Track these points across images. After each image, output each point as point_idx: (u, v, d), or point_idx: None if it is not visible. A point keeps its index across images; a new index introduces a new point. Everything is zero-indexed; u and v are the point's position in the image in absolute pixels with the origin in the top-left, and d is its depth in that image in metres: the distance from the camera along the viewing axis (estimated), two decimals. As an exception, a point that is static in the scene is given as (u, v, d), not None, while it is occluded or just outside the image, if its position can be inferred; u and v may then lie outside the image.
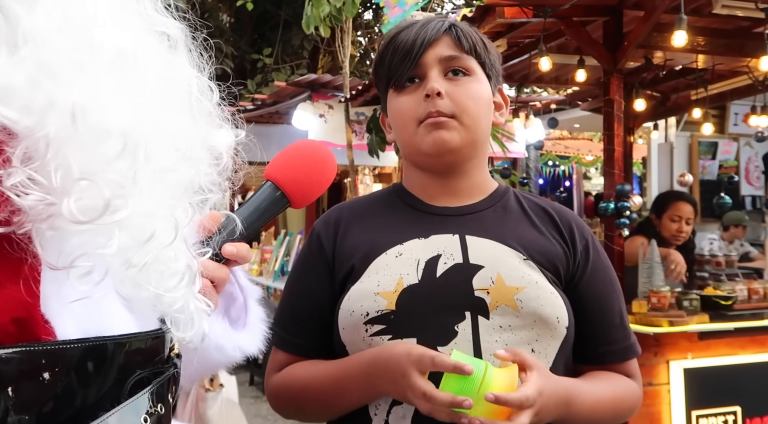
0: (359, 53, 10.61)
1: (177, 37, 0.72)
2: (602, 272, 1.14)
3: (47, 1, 0.56)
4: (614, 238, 3.08)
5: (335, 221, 1.17)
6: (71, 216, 0.54)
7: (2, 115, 0.52)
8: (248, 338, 0.90)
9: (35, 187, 0.53)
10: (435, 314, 1.03)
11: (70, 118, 0.55)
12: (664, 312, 2.95)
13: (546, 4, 2.84)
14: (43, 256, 0.55)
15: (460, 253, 1.07)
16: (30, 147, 0.54)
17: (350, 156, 5.45)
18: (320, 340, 1.13)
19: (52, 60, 0.55)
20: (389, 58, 1.11)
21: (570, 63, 3.92)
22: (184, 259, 0.66)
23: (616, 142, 3.03)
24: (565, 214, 1.17)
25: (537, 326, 1.03)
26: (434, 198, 1.15)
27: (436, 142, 1.08)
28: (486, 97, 1.11)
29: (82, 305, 0.60)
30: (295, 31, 10.02)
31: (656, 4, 2.84)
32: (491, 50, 1.15)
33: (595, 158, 10.60)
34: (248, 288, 0.93)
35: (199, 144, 0.71)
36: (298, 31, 9.99)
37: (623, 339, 1.14)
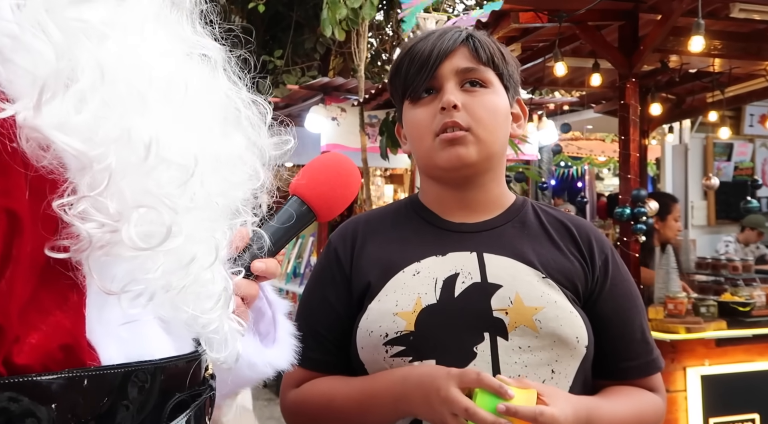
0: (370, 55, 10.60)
1: (217, 59, 0.73)
2: (622, 286, 1.12)
3: (107, 32, 0.58)
4: (630, 243, 3.07)
5: (352, 234, 1.17)
6: (131, 242, 0.56)
7: (69, 145, 0.54)
8: (279, 354, 0.91)
9: (97, 215, 0.55)
10: (454, 335, 1.03)
11: (144, 149, 0.56)
12: (681, 319, 2.93)
13: (561, 8, 2.83)
14: (98, 282, 0.57)
15: (478, 271, 1.06)
16: (93, 176, 0.55)
17: (364, 158, 5.46)
18: (337, 355, 1.12)
19: (114, 91, 0.57)
20: (405, 69, 1.11)
21: (584, 66, 3.91)
22: (221, 281, 0.68)
23: (632, 147, 3.01)
24: (584, 228, 1.15)
25: (556, 347, 1.02)
26: (450, 213, 1.14)
27: (452, 158, 1.07)
28: (503, 109, 1.10)
29: (125, 329, 0.62)
30: (307, 33, 10.05)
31: (673, 8, 2.82)
32: (509, 61, 1.13)
33: (607, 159, 10.54)
34: (276, 302, 0.94)
35: (240, 168, 0.73)
36: (309, 33, 10.01)
37: (645, 354, 1.12)
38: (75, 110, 0.54)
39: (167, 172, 0.60)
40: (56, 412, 0.54)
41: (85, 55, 0.55)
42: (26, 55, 0.53)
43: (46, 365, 0.55)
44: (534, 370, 1.01)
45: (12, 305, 0.54)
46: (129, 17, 0.60)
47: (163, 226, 0.58)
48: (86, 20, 0.56)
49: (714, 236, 6.41)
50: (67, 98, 0.54)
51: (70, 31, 0.55)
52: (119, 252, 0.57)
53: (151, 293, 0.60)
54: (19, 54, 0.53)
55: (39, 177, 0.54)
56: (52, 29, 0.54)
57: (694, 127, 6.47)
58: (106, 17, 0.58)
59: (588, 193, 11.46)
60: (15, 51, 0.53)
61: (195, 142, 0.64)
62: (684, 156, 6.61)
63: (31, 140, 0.53)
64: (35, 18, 0.54)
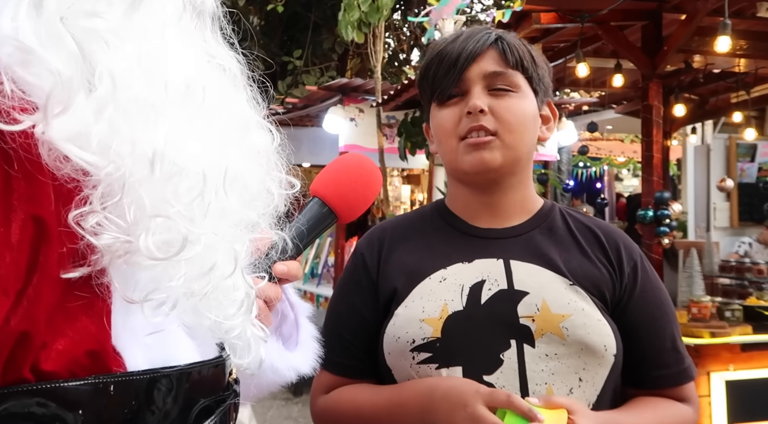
0: (387, 55, 10.61)
1: (235, 70, 0.73)
2: (651, 294, 1.10)
3: (123, 39, 0.57)
4: (653, 246, 3.02)
5: (378, 240, 1.17)
6: (148, 252, 0.56)
7: (82, 159, 0.54)
8: (302, 358, 0.90)
9: (112, 227, 0.55)
10: (480, 342, 1.02)
11: (149, 163, 0.56)
12: (705, 323, 2.88)
13: (583, 9, 2.79)
14: (121, 290, 0.57)
15: (504, 278, 1.05)
16: (107, 188, 0.55)
17: (382, 160, 5.46)
18: (365, 360, 1.12)
19: (128, 101, 0.56)
20: (433, 71, 1.10)
21: (606, 66, 3.86)
22: (242, 288, 0.67)
23: (655, 148, 2.97)
24: (613, 235, 1.13)
25: (584, 355, 1.01)
26: (477, 218, 1.13)
27: (478, 163, 1.07)
28: (530, 114, 1.09)
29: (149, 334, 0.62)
30: (325, 34, 10.07)
31: (698, 8, 2.77)
32: (539, 63, 1.12)
33: (627, 159, 10.44)
34: (298, 305, 0.94)
35: (257, 178, 0.72)
36: (327, 34, 10.04)
37: (676, 363, 1.10)
38: (89, 121, 0.54)
39: (185, 181, 0.60)
40: (83, 417, 0.54)
41: (99, 65, 0.55)
42: (40, 68, 0.53)
43: (73, 370, 0.55)
44: (561, 378, 1.00)
45: (39, 312, 0.54)
46: (148, 22, 0.60)
47: (179, 235, 0.58)
48: (101, 29, 0.56)
49: (737, 238, 6.31)
50: (81, 109, 0.54)
51: (85, 41, 0.55)
52: (138, 261, 0.57)
53: (174, 301, 0.60)
54: (34, 68, 0.53)
55: (62, 185, 0.54)
56: (68, 40, 0.54)
57: (717, 127, 6.36)
58: (122, 24, 0.57)
59: (607, 194, 11.36)
60: (30, 65, 0.53)
61: (212, 150, 0.64)
62: (706, 157, 6.51)
63: (52, 150, 0.53)
64: (50, 28, 0.54)
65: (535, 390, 0.99)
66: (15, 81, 0.52)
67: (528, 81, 1.09)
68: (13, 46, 0.52)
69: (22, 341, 0.53)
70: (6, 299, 0.52)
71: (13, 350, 0.52)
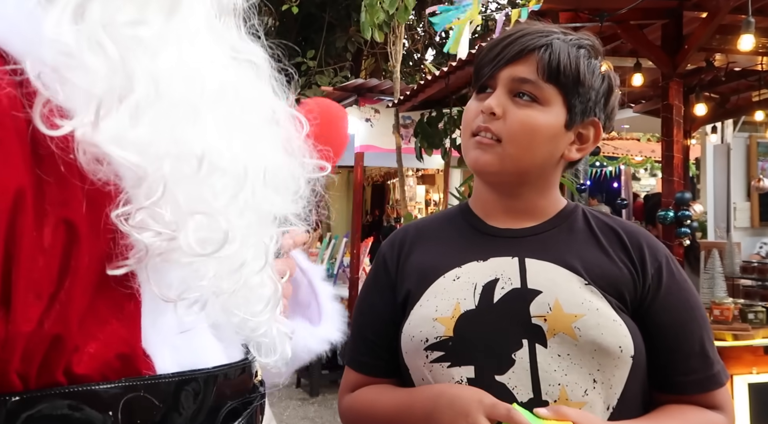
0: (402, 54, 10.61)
1: (262, 65, 0.73)
2: (678, 296, 1.07)
3: (163, 45, 0.58)
4: (673, 248, 2.99)
5: (400, 241, 1.18)
6: (189, 249, 0.57)
7: (127, 159, 0.54)
8: (330, 327, 0.92)
9: (156, 224, 0.55)
10: (492, 342, 1.01)
11: (196, 162, 0.57)
12: (728, 325, 2.84)
13: (602, 8, 2.76)
14: (157, 289, 0.57)
15: (518, 277, 1.04)
16: (147, 188, 0.56)
17: (399, 161, 5.46)
18: (388, 360, 1.12)
19: (169, 104, 0.57)
20: (480, 59, 1.10)
21: (624, 65, 3.82)
22: (270, 284, 0.68)
23: (676, 148, 2.93)
24: (636, 235, 1.10)
25: (598, 356, 0.99)
26: (495, 218, 1.12)
27: (475, 161, 1.07)
28: (547, 130, 1.04)
29: (178, 336, 0.62)
30: (339, 34, 10.09)
31: (720, 6, 2.73)
32: (586, 81, 1.04)
33: (644, 159, 10.33)
34: (310, 269, 0.95)
35: (288, 175, 0.73)
36: (341, 34, 10.06)
37: (704, 368, 1.06)
38: (131, 124, 0.55)
39: (221, 180, 0.60)
40: (113, 419, 0.55)
41: (140, 70, 0.56)
42: (83, 73, 0.54)
43: (104, 373, 0.56)
44: (575, 379, 0.99)
45: (71, 316, 0.54)
46: (182, 29, 0.61)
47: (220, 232, 0.59)
48: (142, 36, 0.57)
49: (757, 238, 6.22)
50: (123, 112, 0.55)
51: (126, 47, 0.55)
52: (177, 259, 0.58)
53: (205, 300, 0.61)
54: (76, 72, 0.53)
55: (95, 189, 0.55)
56: (109, 46, 0.54)
57: (737, 126, 6.28)
58: (160, 31, 0.58)
59: (624, 194, 11.25)
60: (72, 69, 0.53)
61: (246, 147, 0.64)
62: (726, 156, 6.42)
63: (88, 153, 0.53)
64: (92, 35, 0.54)
65: (547, 391, 0.98)
66: (57, 84, 0.53)
67: (563, 96, 1.04)
68: (56, 50, 0.53)
69: (55, 344, 0.53)
70: (39, 303, 0.52)
71: (47, 353, 0.53)
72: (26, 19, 0.55)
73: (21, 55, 0.54)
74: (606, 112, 1.11)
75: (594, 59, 1.07)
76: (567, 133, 1.07)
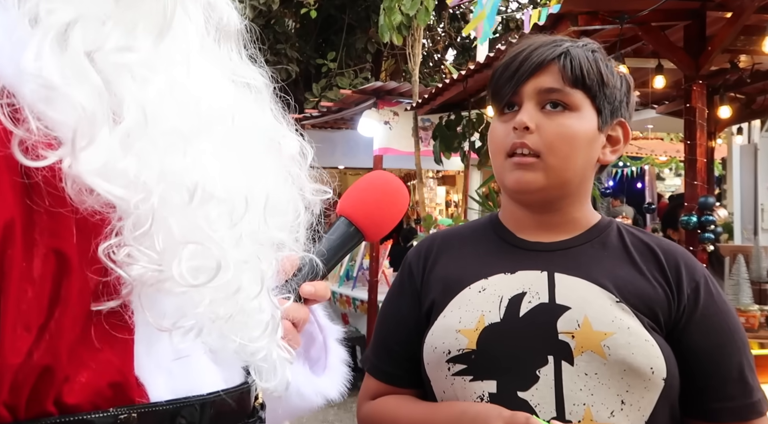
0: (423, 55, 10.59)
1: (260, 85, 0.72)
2: (716, 319, 1.02)
3: (152, 71, 0.57)
4: (697, 253, 2.92)
5: (426, 250, 1.17)
6: (182, 279, 0.56)
7: (109, 192, 0.54)
8: (329, 383, 0.89)
9: (143, 257, 0.55)
10: (516, 357, 0.99)
11: (188, 194, 0.56)
12: (754, 333, 2.77)
13: (622, 10, 2.71)
14: (151, 319, 0.57)
15: (546, 291, 1.02)
16: (136, 218, 0.55)
17: (418, 163, 5.44)
18: (410, 370, 1.12)
19: (159, 132, 0.56)
20: (497, 78, 1.08)
21: (646, 66, 3.75)
22: (268, 309, 0.67)
23: (699, 152, 2.87)
24: (673, 253, 1.06)
25: (627, 376, 0.96)
26: (526, 231, 1.10)
27: (519, 182, 1.04)
28: (584, 135, 1.03)
29: (173, 362, 0.61)
30: (359, 35, 10.11)
31: (744, 6, 2.66)
32: (609, 82, 1.04)
33: (669, 159, 10.17)
34: (328, 327, 0.93)
35: (287, 195, 0.72)
36: (361, 35, 10.07)
37: (743, 396, 1.00)
38: (118, 154, 0.54)
39: (217, 208, 0.59)
40: None
41: (128, 98, 0.55)
42: (66, 104, 0.53)
43: (96, 403, 0.55)
44: (601, 399, 0.96)
45: (61, 346, 0.54)
46: (174, 51, 0.60)
47: (213, 260, 0.58)
48: (130, 62, 0.56)
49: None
50: (109, 143, 0.54)
51: (113, 75, 0.55)
52: (170, 288, 0.57)
53: (201, 327, 0.60)
54: (58, 104, 0.53)
55: (85, 218, 0.54)
56: (93, 75, 0.54)
57: (765, 126, 6.13)
58: (149, 56, 0.57)
59: (648, 195, 11.08)
60: (54, 101, 0.53)
61: (242, 174, 0.63)
62: (753, 156, 6.29)
63: (75, 184, 0.53)
64: (76, 64, 0.53)
65: (572, 411, 0.95)
66: (39, 118, 0.53)
67: (591, 100, 1.04)
68: (36, 84, 0.52)
69: (44, 375, 0.53)
70: (28, 335, 0.52)
71: (36, 384, 0.52)
72: (16, 47, 0.54)
73: (12, 84, 0.53)
74: (630, 111, 1.11)
75: (609, 62, 1.08)
76: (600, 135, 1.06)
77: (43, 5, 0.53)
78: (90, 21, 0.55)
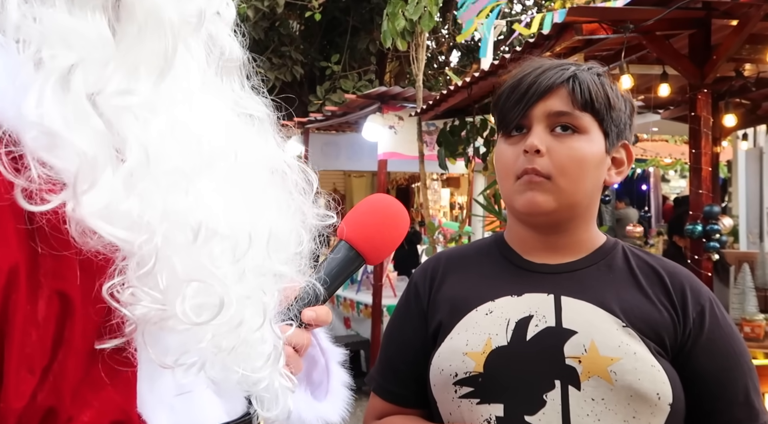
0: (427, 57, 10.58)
1: (262, 116, 0.72)
2: (721, 342, 1.03)
3: (154, 112, 0.58)
4: (702, 262, 2.90)
5: (432, 270, 1.17)
6: (186, 317, 0.56)
7: (112, 234, 0.54)
8: (330, 408, 0.89)
9: (146, 297, 0.55)
10: (523, 381, 0.99)
11: (190, 232, 0.56)
12: (759, 343, 2.76)
13: (627, 19, 2.70)
14: (154, 356, 0.57)
15: (553, 315, 1.02)
16: (139, 258, 0.55)
17: (422, 168, 5.44)
18: (416, 390, 1.12)
19: (161, 172, 0.57)
20: (503, 101, 1.08)
21: (651, 73, 3.74)
22: (270, 339, 0.67)
23: (704, 160, 2.85)
24: (679, 276, 1.07)
25: (634, 402, 0.96)
26: (532, 253, 1.10)
27: (530, 203, 1.04)
28: (593, 158, 1.04)
29: (176, 398, 0.62)
30: (363, 37, 10.10)
31: (749, 14, 2.65)
32: (615, 105, 1.06)
33: (674, 161, 10.14)
34: (330, 350, 0.93)
35: (289, 226, 0.72)
36: (365, 37, 10.06)
37: (749, 419, 1.01)
38: (121, 196, 0.54)
39: (220, 245, 0.60)
40: None
41: (131, 140, 0.55)
42: (65, 151, 0.53)
43: (99, 442, 0.55)
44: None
45: (65, 387, 0.54)
46: (175, 90, 0.60)
47: (216, 298, 0.58)
48: (133, 105, 0.56)
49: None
50: (112, 185, 0.54)
51: (114, 117, 0.55)
52: (173, 326, 0.57)
53: (203, 361, 0.60)
54: (58, 150, 0.53)
55: (89, 259, 0.54)
56: (94, 119, 0.54)
57: (770, 130, 6.10)
58: (151, 96, 0.58)
59: (653, 196, 11.04)
60: (54, 148, 0.53)
61: (246, 209, 0.63)
62: (759, 160, 6.25)
63: (78, 226, 0.53)
64: (78, 108, 0.54)
65: None
66: (42, 164, 0.53)
67: (598, 123, 1.05)
68: (37, 131, 0.53)
69: (48, 417, 0.53)
70: (32, 378, 0.52)
71: (40, 425, 0.53)
72: (19, 91, 0.54)
73: (15, 129, 0.54)
74: (632, 133, 1.12)
75: (614, 84, 1.09)
76: (607, 158, 1.08)
77: (46, 50, 0.54)
78: (92, 65, 0.55)
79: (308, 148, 7.27)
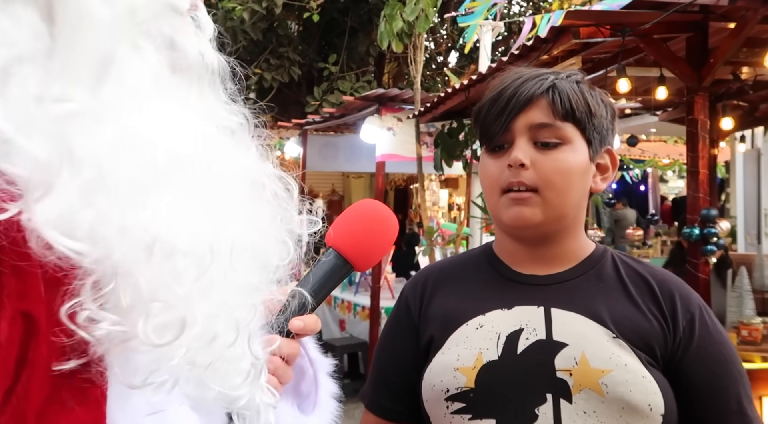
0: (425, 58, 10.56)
1: (236, 126, 0.70)
2: (711, 349, 1.02)
3: (100, 121, 0.55)
4: (699, 265, 2.89)
5: (423, 283, 1.16)
6: (147, 339, 0.54)
7: (66, 246, 0.52)
8: (318, 421, 0.88)
9: (106, 319, 0.53)
10: (515, 395, 0.99)
11: (145, 248, 0.54)
12: (756, 346, 2.75)
13: (624, 22, 2.69)
14: (122, 375, 0.55)
15: (543, 328, 1.01)
16: (99, 275, 0.53)
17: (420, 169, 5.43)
18: (409, 405, 1.11)
19: (115, 185, 0.54)
20: (484, 115, 1.06)
21: (648, 75, 3.73)
22: (248, 357, 0.65)
23: (701, 164, 2.84)
24: (668, 284, 1.06)
25: (626, 414, 0.95)
26: (521, 264, 1.10)
27: (517, 217, 1.03)
28: (578, 168, 1.04)
29: (150, 417, 0.60)
30: (361, 38, 10.09)
31: (747, 18, 2.63)
32: (597, 112, 1.05)
33: (672, 161, 10.15)
34: (318, 361, 0.91)
35: (266, 237, 0.70)
36: (363, 38, 10.05)
37: None
38: (76, 205, 0.52)
39: (183, 260, 0.57)
40: None
41: (79, 150, 0.53)
42: (18, 157, 0.51)
43: (68, 465, 0.54)
44: None
45: (29, 409, 0.52)
46: (125, 97, 0.57)
47: (178, 316, 0.56)
48: (76, 113, 0.54)
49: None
50: (65, 194, 0.52)
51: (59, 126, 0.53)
52: (136, 347, 0.55)
53: (176, 379, 0.58)
54: (12, 157, 0.51)
55: (53, 276, 0.52)
56: (43, 123, 0.52)
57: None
58: (93, 103, 0.55)
59: (651, 197, 11.06)
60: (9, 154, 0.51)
61: (212, 222, 0.61)
62: (756, 162, 6.24)
63: (40, 239, 0.51)
64: (24, 111, 0.52)
65: None
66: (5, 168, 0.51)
67: (581, 132, 1.04)
68: None
69: None
70: None
71: (4, 449, 0.51)
72: None
73: None
74: (614, 137, 1.12)
75: (593, 91, 1.09)
76: (591, 165, 1.07)
77: None
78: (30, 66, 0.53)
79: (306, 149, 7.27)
